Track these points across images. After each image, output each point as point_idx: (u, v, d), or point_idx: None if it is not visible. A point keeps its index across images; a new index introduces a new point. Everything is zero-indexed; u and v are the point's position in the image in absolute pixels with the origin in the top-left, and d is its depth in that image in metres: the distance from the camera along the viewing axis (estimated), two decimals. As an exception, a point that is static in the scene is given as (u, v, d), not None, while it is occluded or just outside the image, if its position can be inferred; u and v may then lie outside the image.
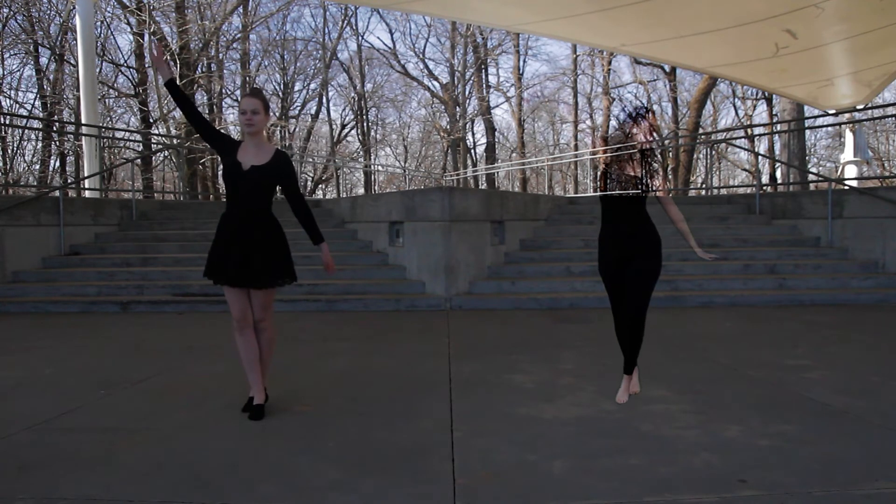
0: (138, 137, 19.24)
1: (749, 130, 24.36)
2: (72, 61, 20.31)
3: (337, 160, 28.37)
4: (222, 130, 25.01)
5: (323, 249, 3.46)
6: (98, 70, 16.57)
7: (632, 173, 3.48)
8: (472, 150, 33.00)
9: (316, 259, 8.54)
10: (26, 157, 21.82)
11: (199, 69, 21.74)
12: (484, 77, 30.79)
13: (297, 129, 29.94)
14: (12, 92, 21.75)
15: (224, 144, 3.42)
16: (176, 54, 19.65)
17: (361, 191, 31.71)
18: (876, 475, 2.54)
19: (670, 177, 21.25)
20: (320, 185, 30.31)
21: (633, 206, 3.49)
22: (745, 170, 27.00)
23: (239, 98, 25.79)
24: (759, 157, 23.05)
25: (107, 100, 21.83)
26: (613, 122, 3.59)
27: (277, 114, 27.77)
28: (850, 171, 12.03)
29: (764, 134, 24.00)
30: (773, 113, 22.96)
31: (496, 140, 31.58)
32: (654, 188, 3.47)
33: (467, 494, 2.43)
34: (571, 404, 3.55)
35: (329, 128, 31.28)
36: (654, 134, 3.55)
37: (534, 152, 32.09)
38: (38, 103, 22.03)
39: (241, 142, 3.42)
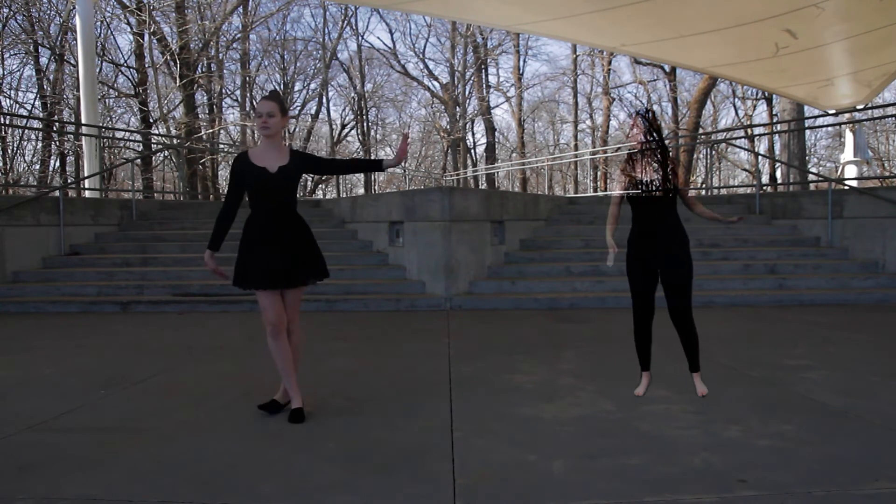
0: (138, 137, 19.24)
1: (749, 130, 24.36)
2: (72, 61, 20.30)
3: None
4: (222, 132, 24.92)
5: (395, 156, 3.37)
6: (98, 70, 16.56)
7: (659, 174, 3.52)
8: (472, 150, 33.01)
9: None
10: (26, 157, 21.84)
11: (199, 69, 21.73)
12: (484, 77, 30.81)
13: (297, 129, 29.94)
14: (12, 92, 21.77)
15: (244, 175, 3.31)
16: (176, 54, 19.64)
17: (361, 191, 31.68)
18: (876, 475, 2.54)
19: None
20: (320, 185, 30.32)
21: (664, 207, 3.54)
22: (745, 170, 26.99)
23: (239, 98, 25.84)
24: (759, 157, 23.05)
25: (107, 100, 21.81)
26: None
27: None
28: (850, 171, 12.04)
29: (764, 134, 24.00)
30: (773, 113, 22.97)
31: (496, 140, 31.59)
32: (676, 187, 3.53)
33: (467, 494, 2.43)
34: (571, 404, 3.55)
35: (329, 128, 31.30)
36: (655, 134, 3.56)
37: (534, 152, 32.09)
38: (38, 103, 22.04)
39: (245, 153, 3.36)
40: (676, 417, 3.29)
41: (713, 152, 19.01)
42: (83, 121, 12.54)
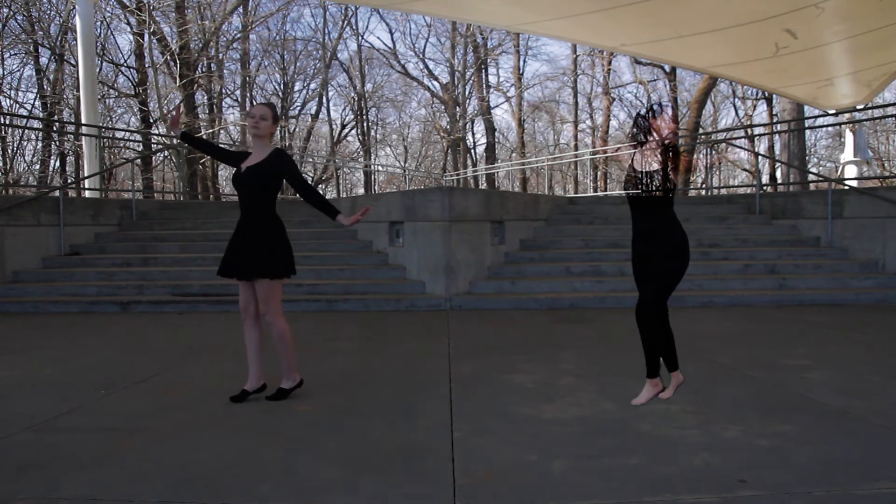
0: (138, 137, 19.25)
1: (749, 130, 24.35)
2: (72, 61, 20.30)
3: (337, 160, 28.35)
4: (222, 130, 24.98)
5: (342, 222, 3.77)
6: (98, 70, 16.55)
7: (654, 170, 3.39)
8: (472, 150, 33.01)
9: (317, 259, 8.55)
10: (26, 157, 21.84)
11: (199, 69, 21.72)
12: (484, 77, 30.80)
13: (297, 129, 29.94)
14: (12, 92, 21.76)
15: (234, 156, 3.78)
16: (176, 54, 19.64)
17: (361, 191, 31.72)
18: (876, 475, 2.54)
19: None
20: (320, 185, 30.30)
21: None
22: (745, 170, 26.98)
23: (239, 98, 25.87)
24: (759, 157, 23.04)
25: (107, 100, 21.82)
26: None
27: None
28: (850, 171, 12.04)
29: (764, 134, 24.00)
30: (773, 113, 22.96)
31: (496, 140, 31.58)
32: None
33: (467, 494, 2.43)
34: (571, 404, 3.55)
35: (329, 128, 31.29)
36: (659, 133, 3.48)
37: (534, 152, 32.07)
38: (38, 103, 22.04)
39: (250, 153, 3.71)
40: (676, 417, 3.29)
41: (713, 152, 19.01)
42: (83, 121, 12.55)
